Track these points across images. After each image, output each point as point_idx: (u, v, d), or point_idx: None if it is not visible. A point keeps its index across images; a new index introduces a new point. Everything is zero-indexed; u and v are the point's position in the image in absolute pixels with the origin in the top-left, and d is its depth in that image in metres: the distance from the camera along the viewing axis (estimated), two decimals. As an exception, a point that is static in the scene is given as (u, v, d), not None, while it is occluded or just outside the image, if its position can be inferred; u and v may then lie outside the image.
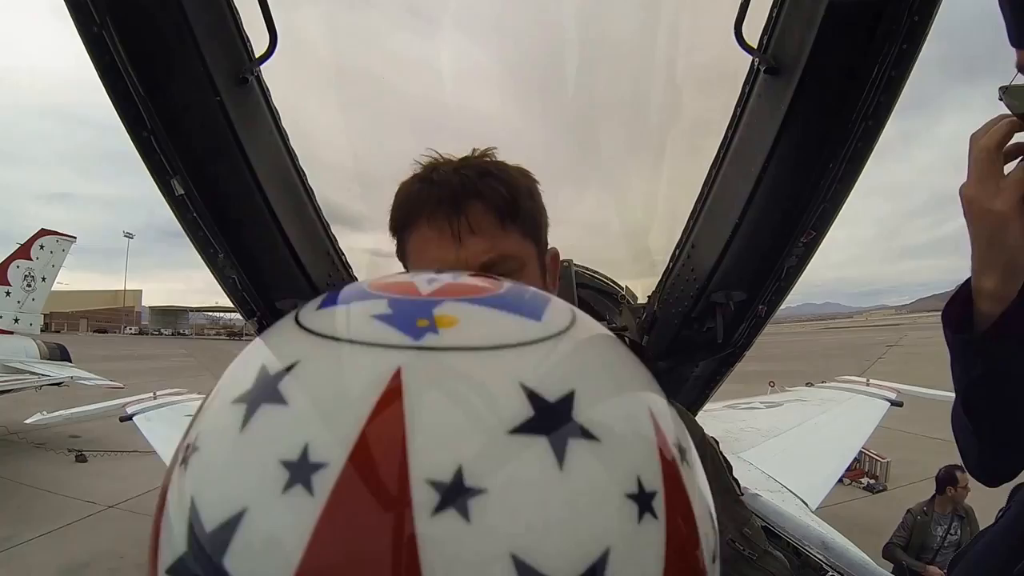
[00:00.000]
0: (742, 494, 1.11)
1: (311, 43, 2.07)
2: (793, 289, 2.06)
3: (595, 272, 2.85)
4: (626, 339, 1.84)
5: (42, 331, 19.54)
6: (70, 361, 17.38)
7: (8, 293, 17.37)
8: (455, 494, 0.46)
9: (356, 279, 2.23)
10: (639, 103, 2.28)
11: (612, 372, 0.62)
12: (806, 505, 3.70)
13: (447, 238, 1.06)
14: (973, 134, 1.20)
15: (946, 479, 6.24)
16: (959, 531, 5.96)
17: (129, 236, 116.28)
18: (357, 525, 0.45)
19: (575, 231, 2.88)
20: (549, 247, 1.24)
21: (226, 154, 1.80)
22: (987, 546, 1.89)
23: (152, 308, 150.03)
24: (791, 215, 1.85)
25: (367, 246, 2.41)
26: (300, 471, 0.47)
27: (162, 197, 1.84)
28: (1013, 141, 1.04)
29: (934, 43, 1.64)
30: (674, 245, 2.33)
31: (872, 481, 10.63)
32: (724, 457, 1.20)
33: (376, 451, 0.47)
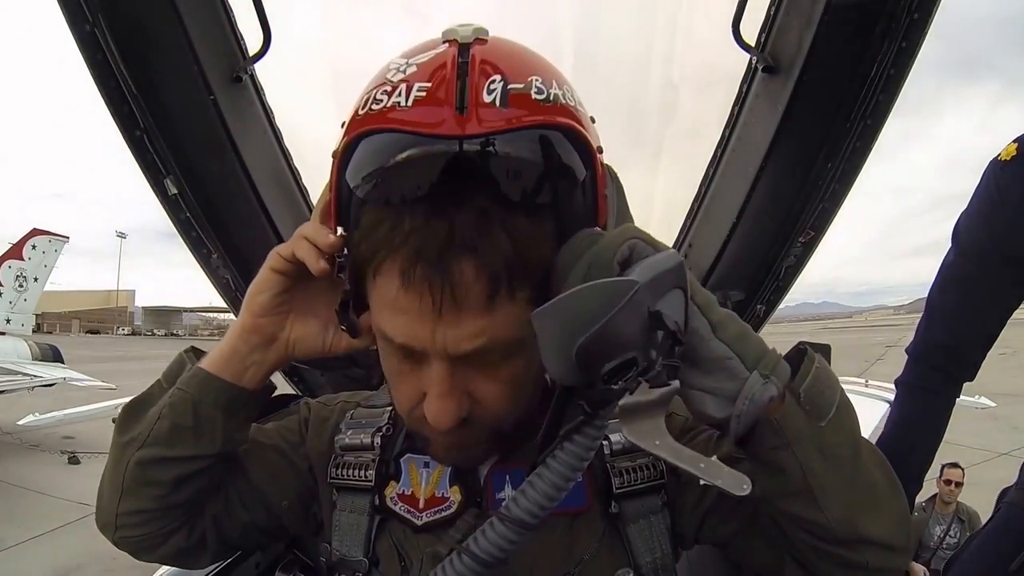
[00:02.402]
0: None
1: (306, 42, 2.06)
2: (791, 289, 2.06)
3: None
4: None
5: (34, 332, 19.42)
6: (62, 362, 17.27)
7: (0, 293, 17.28)
8: None
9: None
10: (636, 102, 2.27)
11: None
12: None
13: (424, 312, 0.82)
14: None
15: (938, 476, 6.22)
16: (958, 534, 5.92)
17: (122, 236, 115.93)
18: None
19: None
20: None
21: (220, 153, 1.79)
22: (979, 548, 1.90)
23: (145, 308, 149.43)
24: (789, 214, 1.85)
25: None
26: None
27: (155, 197, 1.82)
28: None
29: (933, 42, 1.64)
30: (671, 244, 2.32)
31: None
32: None
33: None
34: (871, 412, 4.81)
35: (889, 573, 0.90)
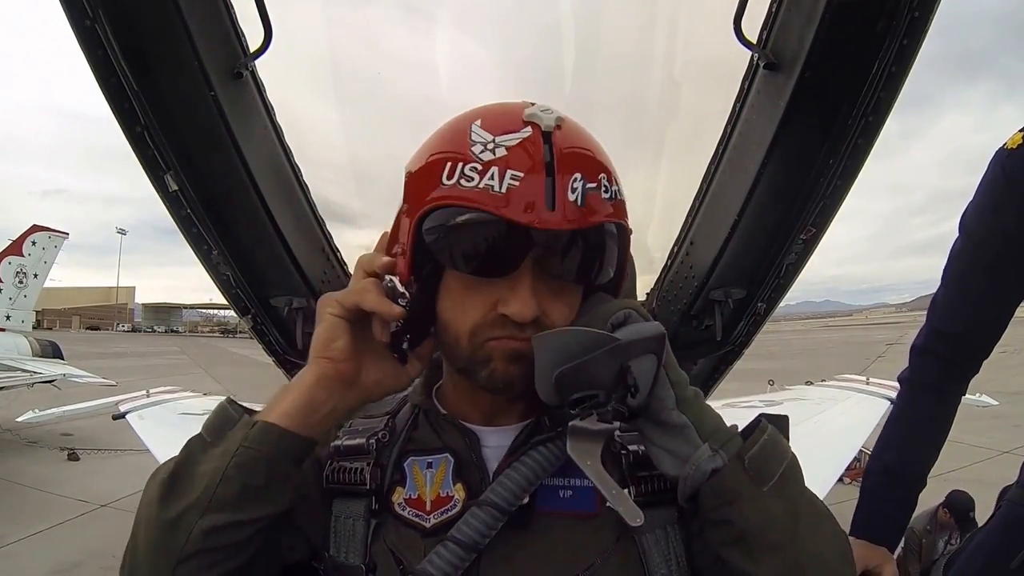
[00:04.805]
0: None
1: (306, 38, 2.06)
2: (792, 286, 2.06)
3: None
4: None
5: (34, 328, 19.42)
6: (62, 358, 17.27)
7: (0, 290, 17.28)
8: None
9: (351, 276, 2.28)
10: (637, 99, 2.27)
11: None
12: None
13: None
14: None
15: (953, 507, 6.17)
16: (959, 540, 5.89)
17: (122, 232, 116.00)
18: None
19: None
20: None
21: (220, 150, 1.79)
22: (979, 546, 1.89)
23: (145, 305, 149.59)
24: (790, 212, 1.85)
25: (362, 242, 2.40)
26: None
27: (156, 193, 1.82)
28: None
29: (933, 40, 1.63)
30: (673, 242, 2.32)
31: (871, 480, 10.60)
32: None
33: None
34: (872, 410, 4.81)
35: None
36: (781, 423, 1.07)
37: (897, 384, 1.91)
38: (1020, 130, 1.66)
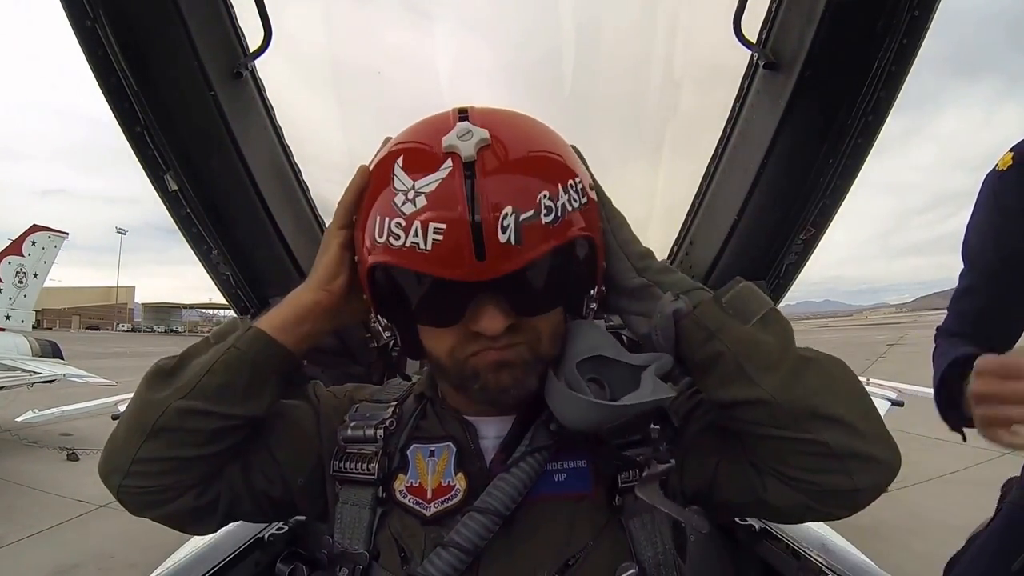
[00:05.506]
0: None
1: (306, 38, 2.06)
2: (792, 286, 2.05)
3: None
4: (624, 336, 1.83)
5: (34, 328, 19.39)
6: (62, 358, 17.24)
7: (0, 290, 17.26)
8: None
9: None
10: (637, 98, 2.27)
11: None
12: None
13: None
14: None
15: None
16: None
17: (122, 232, 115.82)
18: None
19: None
20: None
21: (220, 149, 1.79)
22: (981, 547, 1.89)
23: (145, 305, 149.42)
24: (790, 212, 1.84)
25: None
26: None
27: (156, 193, 1.82)
28: None
29: (933, 39, 1.63)
30: (672, 242, 2.32)
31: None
32: None
33: None
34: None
35: (862, 462, 0.93)
36: (760, 285, 1.14)
37: (897, 385, 1.90)
38: (1010, 150, 1.65)
